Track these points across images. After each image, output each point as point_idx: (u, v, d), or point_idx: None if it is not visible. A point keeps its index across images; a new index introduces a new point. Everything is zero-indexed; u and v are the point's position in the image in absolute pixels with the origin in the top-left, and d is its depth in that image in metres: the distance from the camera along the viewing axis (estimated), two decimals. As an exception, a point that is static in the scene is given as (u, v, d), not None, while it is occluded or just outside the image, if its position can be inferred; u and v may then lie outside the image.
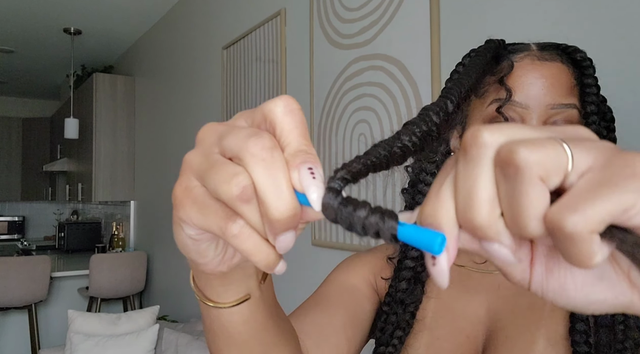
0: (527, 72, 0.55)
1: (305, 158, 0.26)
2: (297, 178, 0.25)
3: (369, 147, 0.29)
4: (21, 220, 6.25)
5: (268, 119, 0.27)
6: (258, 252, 0.27)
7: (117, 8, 3.53)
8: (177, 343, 2.27)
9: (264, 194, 0.25)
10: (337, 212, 0.24)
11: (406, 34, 1.55)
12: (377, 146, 0.29)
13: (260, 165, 0.25)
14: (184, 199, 0.28)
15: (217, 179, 0.26)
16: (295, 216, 0.25)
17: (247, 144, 0.26)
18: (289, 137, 0.26)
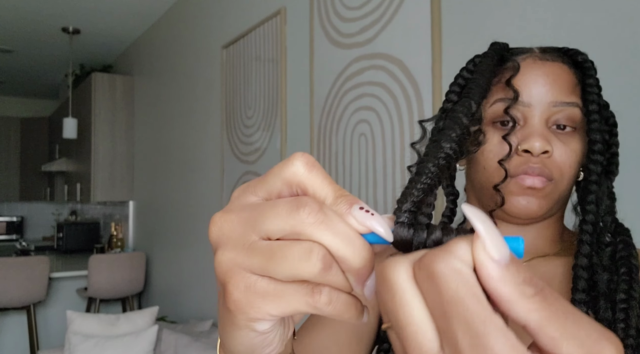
0: (530, 71, 0.56)
1: (348, 201, 0.26)
2: (356, 222, 0.26)
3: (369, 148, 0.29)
4: (19, 220, 6.23)
5: (294, 182, 0.27)
6: (351, 309, 0.27)
7: (115, 7, 3.52)
8: (176, 343, 2.26)
9: (340, 252, 0.25)
10: (412, 241, 0.25)
11: (407, 33, 1.54)
12: (425, 161, 0.29)
13: (323, 229, 0.25)
14: (251, 298, 0.27)
15: (291, 263, 0.25)
16: (373, 258, 0.26)
17: (300, 216, 0.25)
18: (324, 191, 0.27)
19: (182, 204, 3.29)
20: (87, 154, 4.22)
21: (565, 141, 0.55)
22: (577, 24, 1.10)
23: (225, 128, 2.69)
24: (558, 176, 0.55)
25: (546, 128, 0.55)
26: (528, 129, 0.55)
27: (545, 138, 0.54)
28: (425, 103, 1.48)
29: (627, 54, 1.00)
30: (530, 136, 0.54)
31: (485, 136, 0.63)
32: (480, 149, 0.58)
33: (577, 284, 0.51)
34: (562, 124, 0.55)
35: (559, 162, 0.55)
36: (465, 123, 0.34)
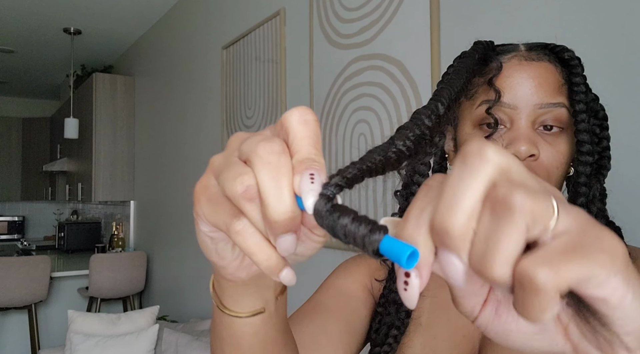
0: (515, 73, 0.55)
1: (310, 165, 0.27)
2: (296, 183, 0.26)
3: (369, 148, 0.29)
4: (21, 220, 6.25)
5: (284, 127, 0.28)
6: (259, 252, 0.28)
7: (116, 8, 3.53)
8: (177, 343, 2.27)
9: (264, 194, 0.26)
10: (324, 217, 0.25)
11: (406, 33, 1.55)
12: (372, 151, 0.29)
13: (265, 167, 0.26)
14: (201, 195, 0.30)
15: (226, 177, 0.28)
16: (292, 219, 0.26)
17: (257, 148, 0.27)
18: (299, 145, 0.28)
19: (183, 204, 3.30)
20: (88, 154, 4.23)
21: (552, 142, 0.55)
22: (577, 24, 1.10)
23: (225, 128, 2.70)
24: (546, 179, 0.54)
25: (532, 130, 0.55)
26: (514, 132, 0.55)
27: (531, 141, 0.53)
28: (424, 103, 1.48)
29: (624, 49, 1.01)
30: (516, 140, 0.54)
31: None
32: None
33: None
34: (549, 124, 0.55)
35: (546, 165, 0.54)
36: (427, 124, 0.34)
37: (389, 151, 0.30)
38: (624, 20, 1.01)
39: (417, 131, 0.33)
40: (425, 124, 0.34)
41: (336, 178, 0.26)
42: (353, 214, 0.25)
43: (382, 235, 0.24)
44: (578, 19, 1.10)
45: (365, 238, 0.24)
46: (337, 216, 0.25)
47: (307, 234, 0.29)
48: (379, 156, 0.29)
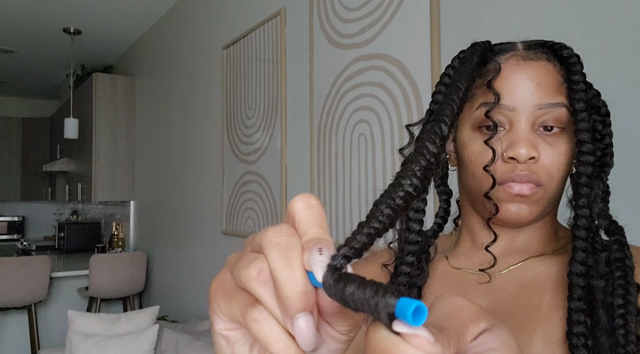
0: (513, 74, 0.55)
1: (318, 242, 0.27)
2: (307, 258, 0.26)
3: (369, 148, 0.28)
4: (21, 220, 6.24)
5: (290, 213, 0.29)
6: (276, 341, 0.27)
7: (116, 8, 3.53)
8: (177, 343, 2.27)
9: (275, 273, 0.26)
10: (332, 288, 0.24)
11: (406, 33, 1.55)
12: (379, 203, 0.29)
13: (275, 249, 0.27)
14: (217, 291, 0.30)
15: (239, 267, 0.28)
16: (305, 293, 0.26)
17: (266, 234, 0.28)
18: (306, 227, 0.28)
19: (182, 204, 3.30)
20: (88, 154, 4.23)
21: (553, 142, 0.54)
22: (577, 20, 1.10)
23: (225, 128, 2.70)
24: (547, 181, 0.54)
25: (532, 132, 0.54)
26: (514, 134, 0.54)
27: (531, 144, 0.53)
28: (425, 103, 1.48)
29: (625, 44, 1.01)
30: (516, 142, 0.53)
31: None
32: (467, 155, 0.57)
33: (573, 292, 0.50)
34: (549, 125, 0.54)
35: (547, 166, 0.54)
36: (433, 151, 0.33)
37: (396, 196, 0.29)
38: (624, 16, 1.01)
39: (423, 163, 0.31)
40: (430, 151, 0.33)
41: (344, 249, 0.26)
42: (359, 281, 0.24)
43: (396, 299, 0.23)
44: (578, 15, 1.10)
45: (380, 303, 0.23)
46: (343, 285, 0.24)
47: (328, 331, 0.29)
48: (387, 209, 0.28)
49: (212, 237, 2.87)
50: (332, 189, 1.86)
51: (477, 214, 0.61)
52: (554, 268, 0.56)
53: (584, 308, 0.49)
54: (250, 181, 2.44)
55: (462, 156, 0.59)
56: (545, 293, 0.54)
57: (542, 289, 0.55)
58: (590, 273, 0.50)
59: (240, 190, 2.54)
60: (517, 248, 0.59)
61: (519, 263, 0.58)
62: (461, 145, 0.59)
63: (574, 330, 0.48)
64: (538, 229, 0.59)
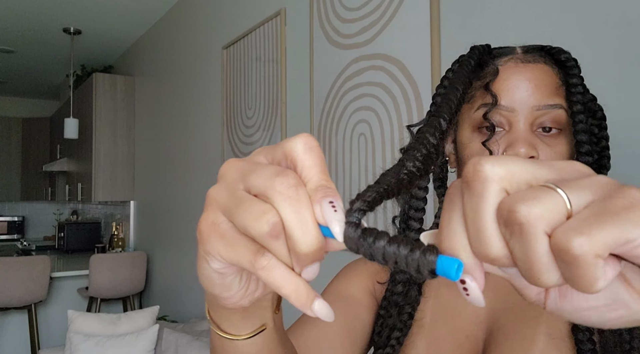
0: (511, 75, 0.55)
1: (326, 192, 0.27)
2: (320, 212, 0.26)
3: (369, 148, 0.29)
4: (21, 220, 6.24)
5: (289, 157, 0.29)
6: (287, 284, 0.28)
7: (117, 8, 3.53)
8: (177, 343, 2.27)
9: (292, 230, 0.26)
10: (357, 244, 0.26)
11: (406, 33, 1.55)
12: (385, 174, 0.30)
13: (287, 202, 0.27)
14: (211, 233, 0.30)
15: (246, 217, 0.27)
16: (321, 249, 0.27)
17: (274, 183, 0.27)
18: (310, 174, 0.28)
19: (183, 204, 3.30)
20: (88, 154, 4.23)
21: (551, 143, 0.55)
22: (576, 23, 1.10)
23: (225, 128, 2.70)
24: None
25: (531, 133, 0.55)
26: (513, 134, 0.55)
27: (529, 144, 0.53)
28: (425, 103, 1.48)
29: (622, 49, 1.01)
30: (515, 143, 0.54)
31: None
32: (466, 156, 0.58)
33: None
34: (548, 126, 0.55)
35: None
36: (433, 142, 0.34)
37: (401, 173, 0.31)
38: (622, 21, 1.01)
39: (424, 151, 0.33)
40: (430, 142, 0.35)
41: (358, 203, 0.27)
42: (387, 237, 0.25)
43: (436, 255, 0.24)
44: (577, 18, 1.10)
45: (420, 260, 0.24)
46: (371, 241, 0.25)
47: None
48: (392, 179, 0.30)
49: (212, 237, 2.87)
50: (332, 189, 1.86)
51: None
52: None
53: None
54: (250, 181, 2.44)
55: (462, 157, 0.59)
56: None
57: None
58: None
59: (240, 190, 2.54)
60: None
61: None
62: (461, 146, 0.60)
63: (579, 326, 0.49)
64: None
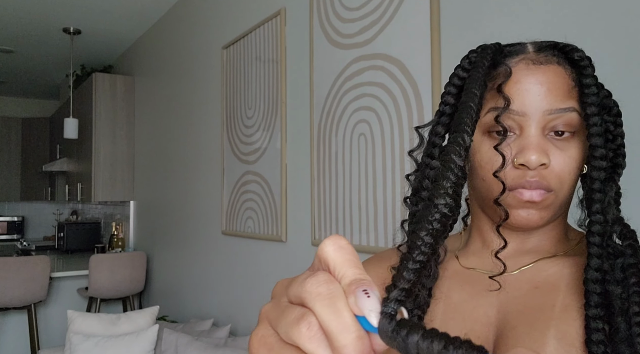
0: (523, 78, 0.54)
1: (360, 284, 0.26)
2: (354, 302, 0.26)
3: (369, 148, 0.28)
4: (20, 220, 6.24)
5: (322, 259, 0.29)
6: None
7: (116, 8, 3.53)
8: (176, 343, 2.27)
9: (325, 324, 0.26)
10: (390, 337, 0.24)
11: (406, 33, 1.55)
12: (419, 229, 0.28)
13: (319, 300, 0.26)
14: (260, 347, 0.30)
15: (286, 324, 0.27)
16: (359, 338, 0.25)
17: (307, 286, 0.27)
18: (342, 270, 0.28)
19: (182, 204, 3.30)
20: (88, 154, 4.22)
21: (564, 147, 0.54)
22: (578, 23, 1.10)
23: (225, 128, 2.70)
24: (557, 186, 0.53)
25: (543, 137, 0.54)
26: (524, 139, 0.53)
27: (541, 150, 0.52)
28: (425, 103, 1.48)
29: (631, 47, 1.01)
30: (526, 149, 0.52)
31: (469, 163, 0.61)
32: (477, 160, 0.57)
33: (590, 299, 0.49)
34: (560, 130, 0.54)
35: (558, 171, 0.53)
36: (460, 164, 0.33)
37: (433, 220, 0.29)
38: (631, 14, 1.01)
39: (453, 178, 0.32)
40: (458, 165, 0.33)
41: (394, 292, 0.26)
42: (421, 330, 0.24)
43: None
44: (577, 17, 1.09)
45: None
46: (405, 334, 0.24)
47: None
48: (427, 237, 0.28)
49: (212, 238, 2.87)
50: (332, 189, 1.86)
51: (487, 216, 0.61)
52: (567, 270, 0.56)
53: (602, 314, 0.49)
54: (250, 181, 2.44)
55: (472, 160, 0.58)
56: (558, 293, 0.54)
57: (555, 289, 0.54)
58: (607, 279, 0.50)
59: (240, 190, 2.54)
60: (529, 249, 0.59)
61: (530, 264, 0.58)
62: (471, 149, 0.58)
63: (593, 338, 0.48)
64: (549, 231, 0.59)
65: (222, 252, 2.75)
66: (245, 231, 2.48)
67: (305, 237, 2.02)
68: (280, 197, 2.18)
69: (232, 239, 2.63)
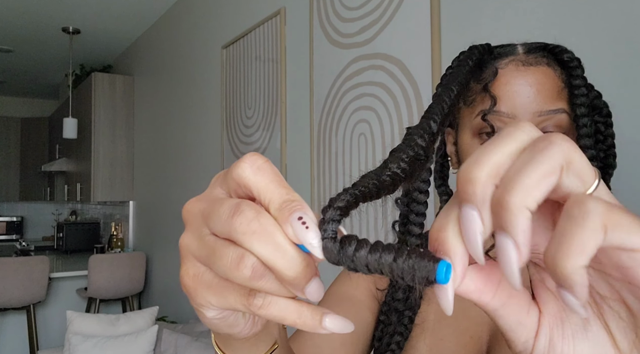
0: (512, 80, 0.54)
1: (292, 207, 0.25)
2: (292, 233, 0.25)
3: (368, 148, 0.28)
4: (19, 220, 6.23)
5: (241, 184, 0.27)
6: (288, 314, 0.27)
7: (116, 7, 3.52)
8: (176, 343, 2.26)
9: (272, 263, 0.25)
10: (338, 258, 0.24)
11: (406, 33, 1.54)
12: (366, 176, 0.28)
13: (255, 238, 0.25)
14: (197, 286, 0.28)
15: (224, 266, 0.26)
16: (307, 266, 0.25)
17: (233, 225, 0.25)
18: (267, 194, 0.26)
19: (182, 204, 3.27)
20: (87, 154, 4.22)
21: None
22: (579, 21, 1.10)
23: (225, 128, 2.69)
24: None
25: None
26: None
27: None
28: (425, 103, 1.48)
29: (629, 46, 1.00)
30: None
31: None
32: None
33: None
34: (550, 131, 0.54)
35: None
36: (421, 144, 0.33)
37: (383, 174, 0.29)
38: (624, 15, 1.01)
39: (410, 153, 0.32)
40: (418, 144, 0.33)
41: (329, 212, 0.25)
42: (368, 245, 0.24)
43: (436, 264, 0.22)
44: (578, 16, 1.09)
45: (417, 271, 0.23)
46: (351, 253, 0.24)
47: None
48: (372, 180, 0.28)
49: (211, 238, 2.86)
50: (332, 189, 1.85)
51: None
52: None
53: None
54: (250, 181, 2.44)
55: (463, 162, 0.58)
56: None
57: None
58: None
59: (239, 190, 2.54)
60: None
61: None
62: (462, 150, 0.59)
63: None
64: None
65: (221, 252, 2.74)
66: (245, 231, 2.47)
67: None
68: (280, 197, 2.18)
69: (231, 239, 2.63)
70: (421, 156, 0.33)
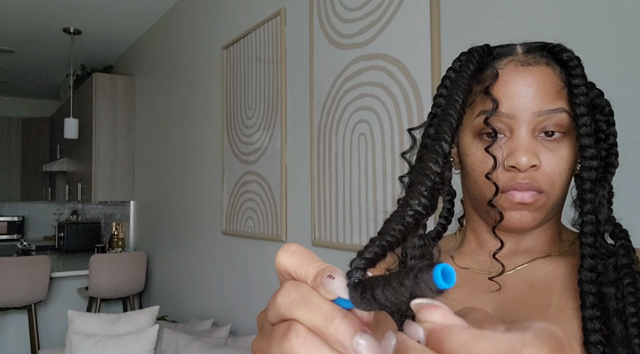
0: (511, 80, 0.54)
1: (323, 273, 0.27)
2: (324, 290, 0.26)
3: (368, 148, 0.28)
4: (21, 220, 6.24)
5: (281, 270, 0.29)
6: None
7: (116, 8, 3.53)
8: (176, 343, 2.27)
9: (312, 324, 0.26)
10: (363, 304, 0.25)
11: (406, 33, 1.55)
12: (389, 221, 0.29)
13: (294, 306, 0.27)
14: None
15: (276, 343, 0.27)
16: (345, 318, 0.26)
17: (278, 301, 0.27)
18: (302, 270, 0.28)
19: (183, 204, 3.30)
20: (88, 154, 4.22)
21: (554, 148, 0.54)
22: (579, 21, 1.10)
23: (225, 128, 2.70)
24: (548, 187, 0.54)
25: (533, 139, 0.54)
26: (514, 142, 0.54)
27: (531, 151, 0.52)
28: (425, 103, 1.48)
29: (630, 45, 1.01)
30: (516, 151, 0.53)
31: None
32: (469, 162, 0.57)
33: (585, 300, 0.49)
34: (550, 130, 0.54)
35: (548, 173, 0.53)
36: (437, 171, 0.33)
37: (406, 215, 0.29)
38: (624, 13, 1.01)
39: (428, 183, 0.32)
40: (434, 171, 0.33)
41: (355, 262, 0.26)
42: (381, 282, 0.24)
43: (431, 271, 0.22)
44: (578, 16, 1.09)
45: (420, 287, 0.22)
46: (371, 294, 0.24)
47: None
48: (397, 225, 0.28)
49: (212, 238, 2.87)
50: (332, 189, 1.86)
51: (481, 218, 0.61)
52: (561, 269, 0.56)
53: (598, 315, 0.49)
54: (250, 181, 2.44)
55: (464, 163, 0.59)
56: (554, 293, 0.54)
57: (551, 289, 0.55)
58: (600, 280, 0.50)
59: (240, 190, 2.54)
60: (523, 249, 0.60)
61: (525, 264, 0.58)
62: (463, 152, 0.59)
63: (590, 339, 0.48)
64: (543, 232, 0.60)
65: (222, 252, 2.75)
66: (246, 231, 2.48)
67: (305, 237, 2.02)
68: (281, 197, 2.18)
69: (232, 239, 2.63)
70: (439, 184, 0.33)
